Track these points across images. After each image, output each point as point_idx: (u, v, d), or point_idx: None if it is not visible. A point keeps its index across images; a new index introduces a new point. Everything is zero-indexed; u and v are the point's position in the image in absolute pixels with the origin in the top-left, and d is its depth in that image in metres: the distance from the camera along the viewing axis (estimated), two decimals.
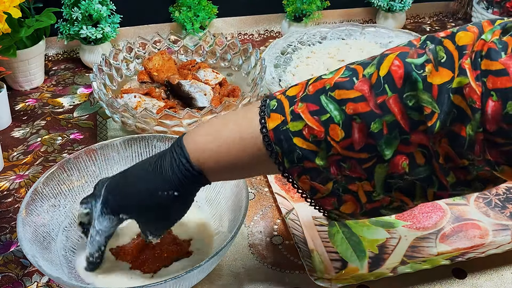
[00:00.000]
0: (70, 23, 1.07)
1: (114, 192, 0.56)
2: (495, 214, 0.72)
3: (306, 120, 0.48)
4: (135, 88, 0.91)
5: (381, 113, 0.44)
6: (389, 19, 1.26)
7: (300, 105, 0.48)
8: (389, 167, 0.46)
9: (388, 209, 0.51)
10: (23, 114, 0.98)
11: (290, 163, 0.49)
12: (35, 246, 0.57)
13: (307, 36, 1.12)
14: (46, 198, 0.64)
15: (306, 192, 0.51)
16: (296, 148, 0.48)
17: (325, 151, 0.47)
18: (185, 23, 1.15)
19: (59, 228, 0.64)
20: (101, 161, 0.69)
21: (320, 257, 0.65)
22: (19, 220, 0.58)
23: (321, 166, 0.48)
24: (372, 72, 0.46)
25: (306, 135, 0.48)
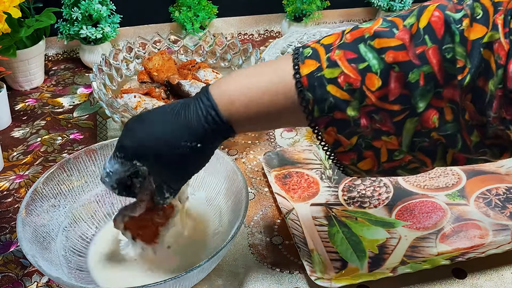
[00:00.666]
0: (70, 23, 1.07)
1: (129, 136, 0.53)
2: (495, 214, 0.72)
3: (342, 68, 0.47)
4: (135, 88, 0.91)
5: (419, 63, 0.45)
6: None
7: (337, 52, 0.48)
8: (420, 121, 0.46)
9: (404, 170, 0.51)
10: (23, 114, 0.98)
11: (320, 112, 0.49)
12: (35, 246, 0.57)
13: (307, 36, 1.12)
14: (46, 198, 0.63)
15: (328, 145, 0.51)
16: (329, 95, 0.48)
17: (358, 101, 0.47)
18: (185, 23, 1.15)
19: (59, 228, 0.64)
20: (101, 161, 0.69)
21: (320, 257, 0.65)
22: (19, 220, 0.58)
23: (352, 117, 0.48)
24: (413, 23, 0.46)
25: (341, 83, 0.47)
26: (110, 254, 0.64)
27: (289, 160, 0.82)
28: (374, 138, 0.49)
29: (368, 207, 0.74)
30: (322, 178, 0.79)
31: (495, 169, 0.80)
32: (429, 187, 0.77)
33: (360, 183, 0.78)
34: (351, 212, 0.73)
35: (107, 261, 0.63)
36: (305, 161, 0.82)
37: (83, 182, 0.68)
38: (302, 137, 0.90)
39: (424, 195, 0.76)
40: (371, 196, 0.76)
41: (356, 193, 0.76)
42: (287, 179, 0.78)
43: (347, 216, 0.72)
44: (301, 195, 0.76)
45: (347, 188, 0.77)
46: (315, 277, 0.61)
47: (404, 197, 0.75)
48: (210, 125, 0.50)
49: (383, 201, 0.75)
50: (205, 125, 0.50)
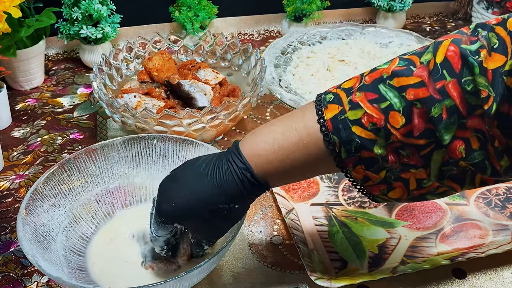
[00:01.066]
0: (70, 23, 1.07)
1: (166, 200, 0.54)
2: (495, 214, 0.72)
3: (365, 108, 0.48)
4: (135, 88, 0.91)
5: (440, 98, 0.45)
6: (389, 19, 1.26)
7: (358, 94, 0.49)
8: (447, 152, 0.47)
9: (434, 194, 0.52)
10: (23, 114, 0.98)
11: (347, 153, 0.49)
12: (35, 246, 0.57)
13: (307, 36, 1.12)
14: (46, 198, 0.64)
15: (357, 180, 0.52)
16: (355, 136, 0.49)
17: (384, 139, 0.48)
18: (185, 23, 1.15)
19: (59, 228, 0.64)
20: (101, 161, 0.69)
21: (320, 257, 0.65)
22: (19, 220, 0.58)
23: (379, 155, 0.48)
24: (429, 59, 0.47)
25: (365, 123, 0.48)
26: (110, 254, 0.64)
27: None
28: (402, 171, 0.50)
29: (368, 207, 0.74)
30: (322, 178, 0.79)
31: None
32: None
33: None
34: (351, 212, 0.73)
35: (106, 261, 0.63)
36: None
37: (83, 182, 0.68)
38: None
39: None
40: None
41: (356, 193, 0.76)
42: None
43: (347, 216, 0.72)
44: (301, 195, 0.76)
45: (347, 188, 0.77)
46: (315, 277, 0.61)
47: None
48: (246, 187, 0.52)
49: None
50: (241, 187, 0.52)
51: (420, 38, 1.10)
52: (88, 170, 0.69)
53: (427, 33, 1.30)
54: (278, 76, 1.00)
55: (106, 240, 0.66)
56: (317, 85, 0.99)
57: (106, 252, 0.64)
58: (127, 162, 0.71)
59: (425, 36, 1.14)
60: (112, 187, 0.70)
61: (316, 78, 1.01)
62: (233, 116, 0.81)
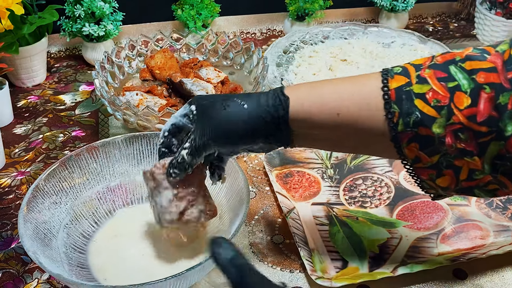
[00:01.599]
0: (73, 20, 1.07)
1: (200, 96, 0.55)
2: (496, 215, 0.72)
3: (432, 85, 0.49)
4: (137, 86, 0.91)
5: (510, 87, 0.46)
6: (392, 19, 1.26)
7: (428, 71, 0.50)
8: (505, 145, 0.47)
9: (482, 190, 0.52)
10: (25, 111, 0.98)
11: (405, 126, 0.49)
12: (36, 243, 0.57)
13: (309, 35, 1.12)
14: (48, 195, 0.64)
15: (408, 159, 0.52)
16: (416, 110, 0.49)
17: (445, 118, 0.48)
18: (187, 21, 1.15)
19: (60, 225, 0.64)
20: (103, 158, 0.69)
21: (320, 257, 0.65)
22: (20, 216, 0.58)
23: (437, 134, 0.48)
24: (505, 49, 0.48)
25: (429, 99, 0.49)
26: (111, 251, 0.64)
27: (290, 159, 0.82)
28: (456, 158, 0.49)
29: (369, 207, 0.74)
30: (323, 178, 0.79)
31: None
32: None
33: (361, 182, 0.78)
34: (352, 212, 0.73)
35: (107, 258, 0.63)
36: (307, 160, 0.82)
37: (84, 179, 0.68)
38: None
39: (426, 196, 0.75)
40: (372, 196, 0.76)
41: (357, 192, 0.76)
42: (288, 178, 0.78)
43: (348, 216, 0.72)
44: (302, 194, 0.76)
45: (348, 187, 0.77)
46: (315, 276, 0.61)
47: (405, 197, 0.75)
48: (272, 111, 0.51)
49: (384, 201, 0.75)
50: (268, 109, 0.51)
51: (422, 38, 1.10)
52: (89, 168, 0.69)
53: (430, 33, 1.30)
54: (280, 75, 1.00)
55: (107, 238, 0.66)
56: None
57: (107, 249, 0.64)
58: (128, 160, 0.71)
59: (427, 36, 1.14)
60: (113, 184, 0.70)
61: (318, 77, 1.01)
62: None
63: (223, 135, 0.52)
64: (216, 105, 0.53)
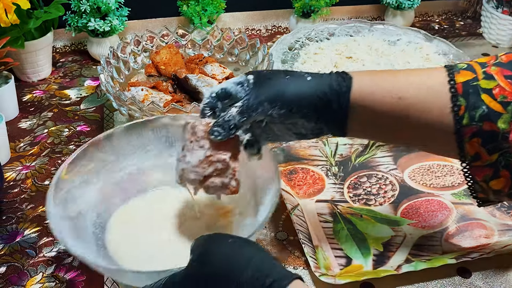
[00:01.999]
0: (78, 15, 1.07)
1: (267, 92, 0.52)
2: (501, 214, 0.72)
3: (499, 81, 0.50)
4: (142, 81, 0.91)
5: None
6: (398, 17, 1.26)
7: (493, 68, 0.51)
8: None
9: None
10: (30, 105, 0.99)
11: (470, 119, 0.50)
12: (64, 222, 0.56)
13: (315, 32, 1.12)
14: (79, 174, 0.62)
15: (467, 156, 0.52)
16: (483, 104, 0.50)
17: (510, 114, 0.49)
18: (193, 17, 1.15)
19: (90, 205, 0.62)
20: (135, 139, 0.68)
21: (324, 254, 0.65)
22: (49, 195, 0.56)
23: (502, 130, 0.49)
24: None
25: (495, 94, 0.50)
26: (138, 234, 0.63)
27: (295, 156, 0.82)
28: None
29: (373, 204, 0.74)
30: (327, 175, 0.79)
31: None
32: (435, 185, 0.77)
33: (366, 180, 0.78)
34: (356, 209, 0.73)
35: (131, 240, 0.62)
36: (311, 157, 0.82)
37: (116, 159, 0.67)
38: None
39: (430, 194, 0.75)
40: (376, 193, 0.76)
41: (362, 190, 0.76)
42: (292, 175, 0.78)
43: (352, 213, 0.72)
44: (306, 191, 0.76)
45: (352, 185, 0.77)
46: (319, 273, 0.61)
47: (410, 195, 0.75)
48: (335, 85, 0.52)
49: (388, 199, 0.75)
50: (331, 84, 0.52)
51: (428, 36, 1.09)
52: (121, 148, 0.67)
53: (436, 31, 1.29)
54: None
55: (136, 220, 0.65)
56: None
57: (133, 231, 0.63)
58: (161, 142, 0.69)
59: (433, 34, 1.14)
60: (146, 165, 0.69)
61: None
62: None
63: (280, 98, 0.51)
64: (278, 74, 0.53)
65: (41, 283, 0.64)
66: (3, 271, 0.65)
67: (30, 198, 0.76)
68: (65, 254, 0.68)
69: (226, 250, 0.45)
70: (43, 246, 0.69)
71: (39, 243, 0.69)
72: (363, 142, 0.84)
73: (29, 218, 0.73)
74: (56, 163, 0.83)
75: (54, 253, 0.68)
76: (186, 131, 0.56)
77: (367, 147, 0.84)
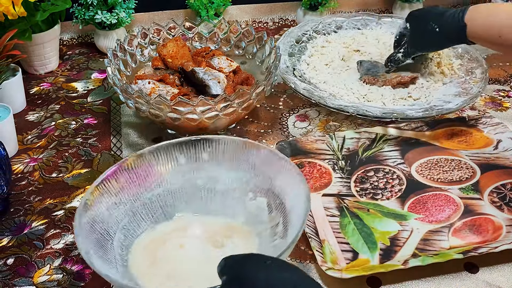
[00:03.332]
0: (85, 8, 1.07)
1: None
2: (509, 210, 0.71)
3: None
4: (149, 74, 0.90)
5: None
6: (406, 9, 1.25)
7: None
8: None
9: None
10: (38, 98, 0.99)
11: None
12: (90, 242, 0.55)
13: (322, 25, 1.11)
14: (107, 195, 0.61)
15: None
16: None
17: None
18: (200, 9, 1.15)
19: (117, 226, 0.61)
20: (165, 160, 0.66)
21: (331, 248, 0.65)
22: (77, 215, 0.56)
23: None
24: None
25: None
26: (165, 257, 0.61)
27: (301, 150, 0.81)
28: None
29: (380, 199, 0.74)
30: (334, 169, 0.79)
31: (510, 163, 0.79)
32: (442, 180, 0.77)
33: (373, 174, 0.78)
34: (363, 204, 0.73)
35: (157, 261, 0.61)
36: (318, 151, 0.82)
37: (145, 181, 0.65)
38: (315, 127, 0.90)
39: (438, 189, 0.75)
40: (383, 188, 0.75)
41: (369, 184, 0.76)
42: (299, 169, 0.78)
43: (359, 208, 0.72)
44: (313, 185, 0.76)
45: (359, 179, 0.77)
46: (326, 268, 0.61)
47: (417, 190, 0.75)
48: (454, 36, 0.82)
49: (395, 193, 0.74)
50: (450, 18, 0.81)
51: None
52: (151, 169, 0.66)
53: None
54: (292, 65, 0.99)
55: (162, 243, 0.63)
56: (331, 74, 0.99)
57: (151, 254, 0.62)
58: (190, 163, 0.67)
59: None
60: (174, 188, 0.67)
61: (331, 68, 1.01)
62: (247, 104, 0.80)
63: (424, 48, 0.91)
64: (421, 25, 0.86)
65: (49, 275, 0.64)
66: (11, 263, 0.66)
67: (37, 191, 0.77)
68: (73, 246, 0.68)
69: (264, 276, 0.39)
70: (51, 238, 0.69)
71: (47, 235, 0.70)
72: (370, 137, 0.84)
73: (37, 211, 0.73)
74: (63, 156, 0.84)
75: (62, 245, 0.68)
76: None
77: (374, 141, 0.83)
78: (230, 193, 0.67)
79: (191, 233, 0.65)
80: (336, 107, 0.86)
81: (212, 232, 0.64)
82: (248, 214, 0.65)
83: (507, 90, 1.00)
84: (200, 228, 0.65)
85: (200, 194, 0.68)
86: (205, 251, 0.62)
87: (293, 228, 0.58)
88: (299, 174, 0.61)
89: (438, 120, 0.87)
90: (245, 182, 0.67)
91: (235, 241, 0.63)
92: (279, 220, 0.62)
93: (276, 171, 0.63)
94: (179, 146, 0.67)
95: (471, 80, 0.94)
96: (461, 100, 0.88)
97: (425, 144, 0.83)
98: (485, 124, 0.87)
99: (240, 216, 0.65)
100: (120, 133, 0.89)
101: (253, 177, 0.66)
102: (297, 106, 0.95)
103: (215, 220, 0.66)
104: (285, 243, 0.56)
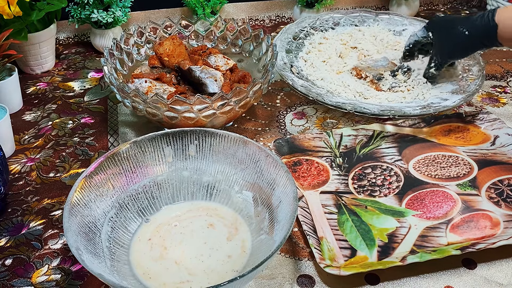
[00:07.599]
0: (81, 7, 1.07)
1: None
2: (507, 205, 0.71)
3: None
4: (145, 73, 0.90)
5: None
6: (403, 6, 1.25)
7: None
8: None
9: None
10: (34, 98, 0.99)
11: None
12: (80, 238, 0.56)
13: (320, 21, 1.11)
14: (94, 188, 0.62)
15: None
16: None
17: None
18: (196, 7, 1.15)
19: (105, 218, 0.62)
20: (151, 152, 0.67)
21: (329, 245, 0.65)
22: (66, 210, 0.56)
23: None
24: None
25: None
26: (154, 247, 0.63)
27: (299, 147, 0.81)
28: None
29: (378, 195, 0.74)
30: (332, 166, 0.79)
31: (507, 159, 0.79)
32: (440, 176, 0.77)
33: (370, 171, 0.78)
34: (360, 201, 0.73)
35: (149, 254, 0.62)
36: (315, 148, 0.82)
37: (131, 173, 0.66)
38: (312, 125, 0.90)
39: (435, 185, 0.75)
40: (381, 185, 0.75)
41: (366, 181, 0.76)
42: (297, 167, 0.78)
43: (357, 205, 0.72)
44: (310, 183, 0.76)
45: (357, 176, 0.77)
46: (324, 265, 0.61)
47: (415, 187, 0.75)
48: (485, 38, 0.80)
49: (393, 190, 0.74)
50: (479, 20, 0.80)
51: None
52: (137, 161, 0.66)
53: None
54: (289, 62, 0.99)
55: (151, 234, 0.64)
56: (329, 71, 0.99)
57: (150, 245, 0.63)
58: (176, 155, 0.68)
59: None
60: (160, 179, 0.68)
61: (328, 64, 1.01)
62: (244, 102, 0.80)
63: (455, 55, 0.88)
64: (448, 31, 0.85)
65: (47, 275, 0.64)
66: (9, 264, 0.66)
67: (35, 191, 0.77)
68: None
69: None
70: (49, 239, 0.69)
71: (45, 235, 0.69)
72: (368, 134, 0.84)
73: (34, 211, 0.73)
74: (60, 155, 0.84)
75: (60, 245, 0.68)
76: None
77: (372, 138, 0.83)
78: (216, 186, 0.69)
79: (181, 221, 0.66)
80: (334, 104, 0.86)
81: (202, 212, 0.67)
82: (234, 206, 0.67)
83: (503, 86, 1.01)
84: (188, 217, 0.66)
85: (186, 185, 0.69)
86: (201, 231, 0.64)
87: (280, 226, 0.59)
88: (286, 172, 0.62)
89: (435, 117, 0.87)
90: (232, 175, 0.68)
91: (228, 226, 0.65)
92: (265, 215, 0.64)
93: (263, 167, 0.65)
94: (166, 137, 0.68)
95: (468, 78, 0.94)
96: (458, 97, 0.88)
97: (423, 141, 0.83)
98: (482, 120, 0.87)
99: (226, 207, 0.67)
100: (117, 132, 0.89)
101: (239, 171, 0.67)
102: (294, 104, 0.95)
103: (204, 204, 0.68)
104: (272, 240, 0.58)
